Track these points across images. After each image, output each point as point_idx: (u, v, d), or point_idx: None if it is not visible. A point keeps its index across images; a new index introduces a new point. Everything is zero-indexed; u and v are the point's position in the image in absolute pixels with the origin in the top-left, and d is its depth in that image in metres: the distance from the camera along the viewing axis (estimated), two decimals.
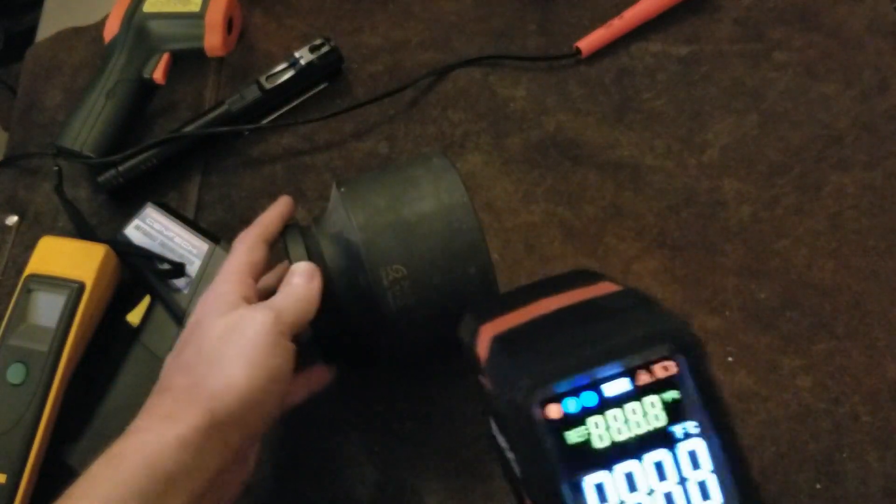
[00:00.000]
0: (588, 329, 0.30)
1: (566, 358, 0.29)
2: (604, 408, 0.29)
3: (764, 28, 0.65)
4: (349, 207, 0.43)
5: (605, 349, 0.29)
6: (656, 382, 0.29)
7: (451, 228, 0.42)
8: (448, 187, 0.43)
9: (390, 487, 0.50)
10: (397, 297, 0.41)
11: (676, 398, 0.29)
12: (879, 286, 0.54)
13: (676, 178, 0.59)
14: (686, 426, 0.29)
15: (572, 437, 0.28)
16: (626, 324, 0.30)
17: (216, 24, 0.64)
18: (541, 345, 0.30)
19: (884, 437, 0.49)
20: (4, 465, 0.48)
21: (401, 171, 0.45)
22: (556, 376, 0.28)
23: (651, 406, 0.29)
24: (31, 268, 0.52)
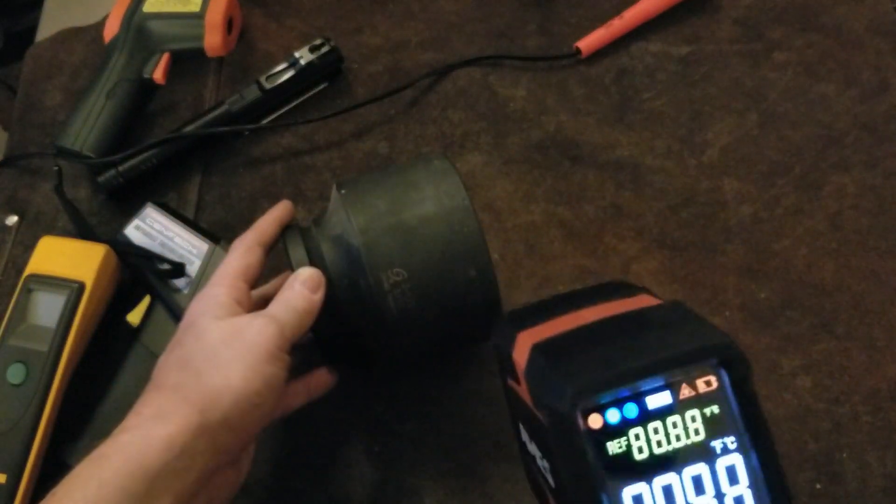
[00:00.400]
0: (631, 341, 0.30)
1: (609, 369, 0.28)
2: (645, 420, 0.29)
3: (764, 28, 0.65)
4: (350, 210, 0.43)
5: (648, 362, 0.29)
6: (698, 396, 0.29)
7: (451, 231, 0.42)
8: (449, 190, 0.43)
9: (390, 487, 0.50)
10: (398, 300, 0.41)
11: (717, 413, 0.29)
12: (879, 286, 0.54)
13: (676, 178, 0.59)
14: (725, 441, 0.29)
15: (613, 447, 0.28)
16: (670, 337, 0.30)
17: (216, 24, 0.64)
18: (583, 355, 0.30)
19: (884, 437, 0.49)
20: (4, 465, 0.48)
21: (401, 173, 0.45)
22: (599, 387, 0.28)
23: (692, 420, 0.29)
24: (31, 268, 0.52)
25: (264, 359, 0.39)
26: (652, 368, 0.28)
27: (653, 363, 0.28)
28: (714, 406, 0.29)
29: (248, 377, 0.38)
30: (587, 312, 0.33)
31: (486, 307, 0.43)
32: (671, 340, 0.30)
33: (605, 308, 0.33)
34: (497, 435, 0.51)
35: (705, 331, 0.30)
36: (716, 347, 0.29)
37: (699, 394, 0.29)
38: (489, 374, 0.53)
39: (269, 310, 0.41)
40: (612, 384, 0.28)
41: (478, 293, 0.42)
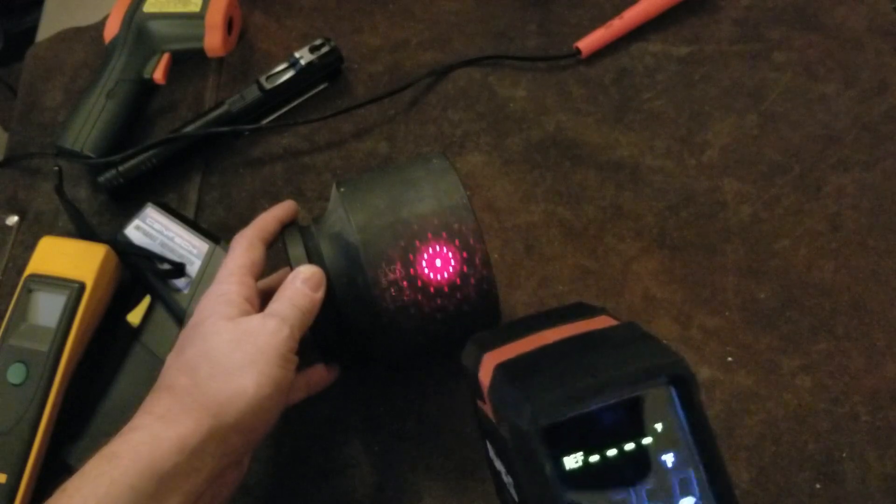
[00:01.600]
0: (588, 360, 0.31)
1: (567, 388, 0.30)
2: (600, 436, 0.30)
3: (764, 28, 0.65)
4: (348, 208, 0.43)
5: (604, 380, 0.30)
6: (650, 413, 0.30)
7: (450, 230, 0.42)
8: (447, 189, 0.43)
9: (390, 487, 0.50)
10: (395, 297, 0.42)
11: (667, 428, 0.30)
12: (879, 286, 0.54)
13: (676, 178, 0.59)
14: (676, 456, 0.30)
15: (570, 462, 0.29)
16: (624, 356, 0.31)
17: (216, 24, 0.64)
18: (543, 374, 0.31)
19: (884, 437, 0.49)
20: (4, 465, 0.48)
21: (400, 171, 0.45)
22: (557, 405, 0.29)
23: (643, 435, 0.30)
24: (32, 268, 0.52)
25: (276, 362, 0.39)
26: (607, 387, 0.30)
27: (608, 381, 0.30)
28: (664, 421, 0.30)
29: (261, 382, 0.38)
30: (549, 333, 0.35)
31: (484, 305, 0.43)
32: (625, 359, 0.31)
33: (566, 329, 0.35)
34: None
35: (656, 350, 0.32)
36: (665, 366, 0.31)
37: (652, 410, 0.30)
38: None
39: (276, 309, 0.41)
40: (570, 402, 0.29)
41: (476, 291, 0.43)
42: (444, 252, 0.42)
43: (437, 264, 0.42)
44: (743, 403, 0.51)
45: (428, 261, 0.42)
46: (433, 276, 0.42)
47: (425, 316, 0.42)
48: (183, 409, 0.37)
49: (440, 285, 0.42)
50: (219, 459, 0.37)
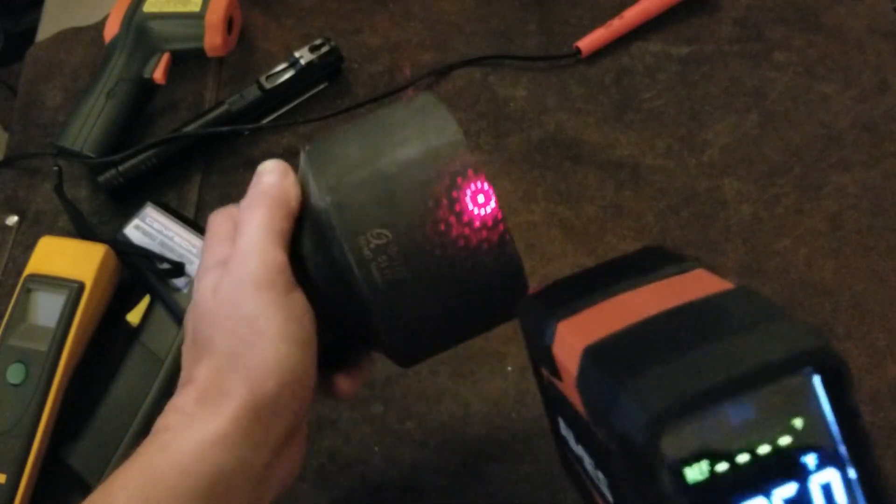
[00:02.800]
0: (707, 347, 0.25)
1: (690, 388, 0.24)
2: (728, 440, 0.25)
3: (764, 28, 0.65)
4: (315, 167, 0.34)
5: (735, 377, 0.24)
6: (787, 406, 0.25)
7: (442, 174, 0.33)
8: (436, 125, 0.35)
9: (390, 487, 0.50)
10: (384, 270, 0.33)
11: (809, 424, 0.25)
12: (879, 286, 0.54)
13: (676, 177, 0.59)
14: (820, 456, 0.25)
15: (693, 475, 0.24)
16: (754, 340, 0.25)
17: (216, 24, 0.64)
18: (651, 366, 0.25)
19: (884, 437, 0.49)
20: (4, 465, 0.48)
21: (378, 117, 0.36)
22: (680, 412, 0.24)
23: (780, 434, 0.25)
24: (31, 268, 0.52)
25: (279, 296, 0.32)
26: (741, 384, 0.24)
27: (741, 377, 0.24)
28: (805, 416, 0.25)
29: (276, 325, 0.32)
30: (639, 298, 0.28)
31: (501, 272, 0.34)
32: (757, 345, 0.25)
33: (661, 292, 0.28)
34: (497, 434, 0.51)
35: (794, 329, 0.25)
36: (812, 352, 0.25)
37: (787, 403, 0.25)
38: (491, 373, 0.53)
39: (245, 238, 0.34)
40: (694, 407, 0.24)
41: (488, 249, 0.33)
42: (439, 204, 0.33)
43: (434, 220, 0.33)
44: None
45: (421, 217, 0.33)
46: (430, 236, 0.33)
47: (424, 288, 0.33)
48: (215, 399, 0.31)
49: (440, 246, 0.33)
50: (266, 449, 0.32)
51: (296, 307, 0.33)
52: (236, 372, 0.31)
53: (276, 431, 0.32)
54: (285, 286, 0.33)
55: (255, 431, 0.31)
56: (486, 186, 0.33)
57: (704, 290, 0.28)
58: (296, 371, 0.32)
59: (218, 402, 0.31)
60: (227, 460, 0.30)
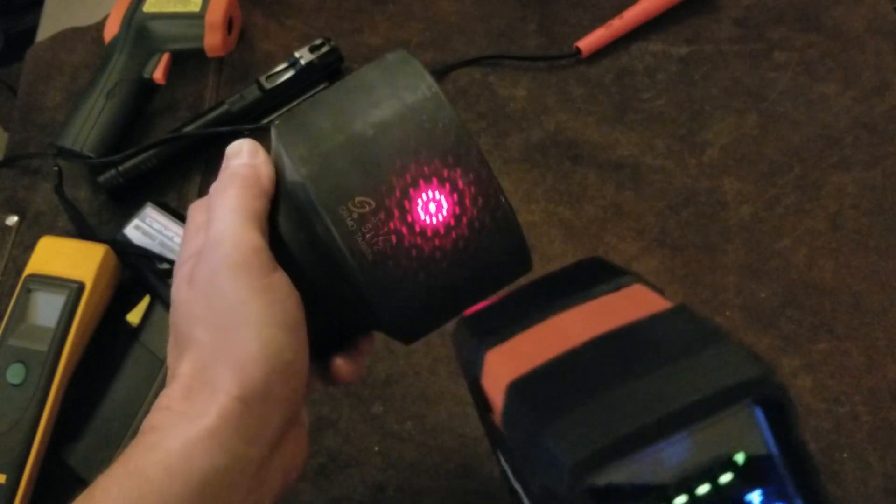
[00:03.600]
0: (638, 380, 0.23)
1: (617, 430, 0.22)
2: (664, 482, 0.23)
3: (764, 28, 0.65)
4: (286, 141, 0.32)
5: (668, 415, 0.22)
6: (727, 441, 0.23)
7: (422, 131, 0.31)
8: (409, 83, 0.32)
9: (390, 487, 0.50)
10: (371, 240, 0.30)
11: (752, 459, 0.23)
12: (879, 286, 0.54)
13: (676, 177, 0.59)
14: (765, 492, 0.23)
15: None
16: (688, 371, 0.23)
17: (216, 24, 0.64)
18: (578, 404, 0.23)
19: (884, 437, 0.49)
20: (4, 465, 0.48)
21: (348, 81, 0.34)
22: (606, 459, 0.22)
23: (722, 472, 0.23)
24: (31, 268, 0.52)
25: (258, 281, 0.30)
26: (672, 423, 0.22)
27: (672, 416, 0.22)
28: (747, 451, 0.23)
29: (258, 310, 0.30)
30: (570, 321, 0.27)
31: (497, 228, 0.32)
32: (691, 376, 0.23)
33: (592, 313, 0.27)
34: None
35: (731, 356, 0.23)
36: (751, 384, 0.23)
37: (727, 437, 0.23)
38: None
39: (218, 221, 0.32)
40: (621, 452, 0.22)
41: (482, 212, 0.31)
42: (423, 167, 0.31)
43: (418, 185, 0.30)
44: None
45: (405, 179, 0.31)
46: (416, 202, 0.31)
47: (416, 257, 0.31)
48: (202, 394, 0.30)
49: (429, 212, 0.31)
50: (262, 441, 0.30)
51: (277, 289, 0.31)
52: (220, 363, 0.30)
53: (271, 423, 0.31)
54: (263, 268, 0.31)
55: (246, 424, 0.29)
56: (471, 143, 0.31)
57: (639, 311, 0.26)
58: (283, 356, 0.30)
59: (204, 396, 0.29)
60: (218, 457, 0.29)
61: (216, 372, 0.30)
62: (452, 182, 0.31)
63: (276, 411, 0.31)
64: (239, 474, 0.29)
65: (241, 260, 0.30)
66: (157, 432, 0.29)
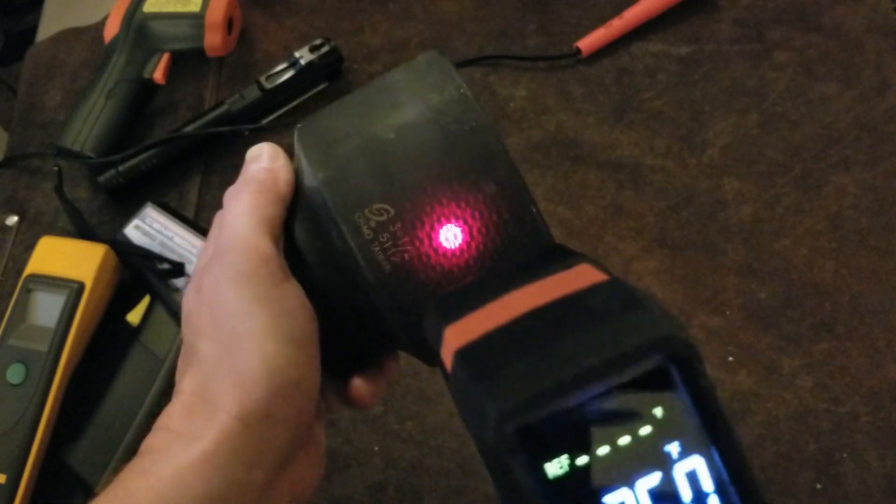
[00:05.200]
0: (565, 340, 0.25)
1: (540, 382, 0.24)
2: (587, 433, 0.24)
3: (764, 28, 0.65)
4: (305, 143, 0.31)
5: (586, 367, 0.24)
6: (646, 397, 0.25)
7: (447, 134, 0.29)
8: (435, 83, 0.30)
9: (390, 487, 0.50)
10: (388, 250, 0.29)
11: (668, 413, 0.25)
12: (879, 286, 0.54)
13: (676, 177, 0.59)
14: (682, 443, 0.25)
15: (553, 469, 0.24)
16: (609, 330, 0.25)
17: (216, 24, 0.64)
18: (510, 363, 0.25)
19: (884, 437, 0.49)
20: (4, 465, 0.48)
21: (374, 82, 0.32)
22: (528, 404, 0.24)
23: (640, 424, 0.25)
24: (31, 268, 0.52)
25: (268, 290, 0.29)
26: (590, 375, 0.24)
27: (591, 368, 0.24)
28: (665, 405, 0.25)
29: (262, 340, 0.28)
30: (518, 297, 0.28)
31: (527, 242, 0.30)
32: (611, 335, 0.25)
33: (538, 290, 0.28)
34: None
35: (648, 319, 0.25)
36: (660, 342, 0.25)
37: (646, 393, 0.25)
38: None
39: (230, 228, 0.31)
40: (543, 400, 0.23)
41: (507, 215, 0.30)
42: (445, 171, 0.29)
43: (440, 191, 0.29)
44: (744, 403, 0.51)
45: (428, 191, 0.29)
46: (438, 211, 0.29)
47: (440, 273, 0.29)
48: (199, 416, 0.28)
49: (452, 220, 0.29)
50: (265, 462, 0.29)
51: (286, 301, 0.29)
52: (222, 379, 0.28)
53: (273, 445, 0.28)
54: (271, 277, 0.29)
55: (245, 448, 0.27)
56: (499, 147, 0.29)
57: (579, 284, 0.27)
58: (288, 374, 0.28)
59: (203, 415, 0.27)
60: (214, 484, 0.27)
61: (217, 388, 0.28)
62: (478, 190, 0.29)
63: (280, 433, 0.29)
64: (237, 501, 0.27)
65: (248, 268, 0.29)
66: (152, 455, 0.28)
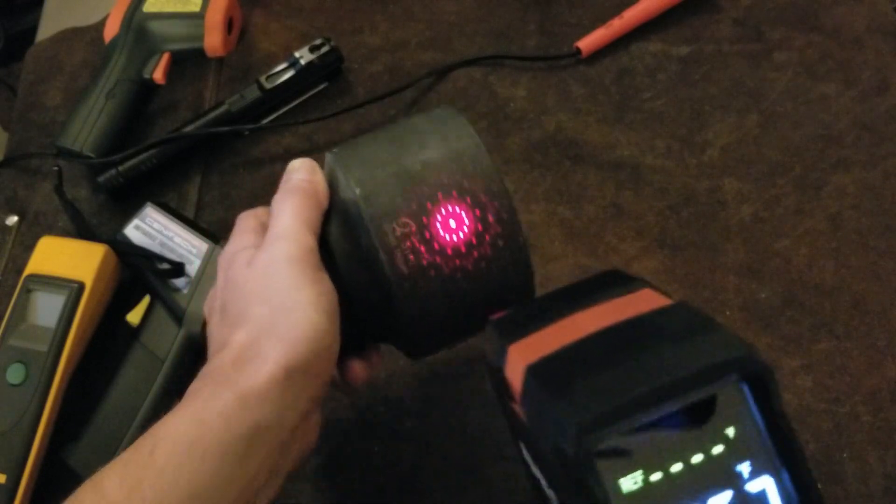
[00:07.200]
0: (640, 359, 0.26)
1: (618, 398, 0.25)
2: (661, 450, 0.25)
3: (764, 28, 0.65)
4: (344, 165, 0.38)
5: (662, 386, 0.25)
6: (720, 416, 0.26)
7: (463, 173, 0.37)
8: (456, 133, 0.39)
9: (390, 487, 0.50)
10: (408, 256, 0.36)
11: (740, 433, 0.26)
12: (879, 286, 0.54)
13: (676, 177, 0.59)
14: (753, 463, 0.26)
15: (628, 485, 0.25)
16: (683, 351, 0.26)
17: (216, 24, 0.64)
18: (585, 379, 0.26)
19: (884, 437, 0.49)
20: (4, 465, 0.48)
21: (400, 124, 0.41)
22: (608, 421, 0.24)
23: (712, 443, 0.26)
24: (31, 268, 0.52)
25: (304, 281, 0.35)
26: (667, 393, 0.25)
27: (667, 386, 0.25)
28: (737, 425, 0.26)
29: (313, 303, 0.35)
30: (584, 318, 0.30)
31: (512, 262, 0.38)
32: (685, 355, 0.26)
33: (604, 311, 0.30)
34: (497, 435, 0.51)
35: (722, 340, 0.26)
36: (737, 361, 0.26)
37: (720, 413, 0.26)
38: None
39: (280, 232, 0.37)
40: (622, 416, 0.24)
41: (502, 244, 0.37)
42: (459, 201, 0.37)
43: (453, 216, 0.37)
44: None
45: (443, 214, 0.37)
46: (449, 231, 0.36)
47: (444, 278, 0.37)
48: (254, 358, 0.34)
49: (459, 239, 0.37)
50: (298, 409, 0.34)
51: (324, 283, 0.36)
52: (272, 337, 0.34)
53: (306, 394, 0.35)
54: (315, 265, 0.36)
55: (287, 392, 0.33)
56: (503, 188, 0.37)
57: (645, 307, 0.29)
58: (325, 340, 0.35)
59: (254, 363, 0.33)
60: (265, 415, 0.33)
61: (268, 344, 0.34)
62: (483, 219, 0.37)
63: (312, 386, 0.35)
64: (276, 436, 0.34)
65: (297, 254, 0.36)
66: (212, 387, 0.33)
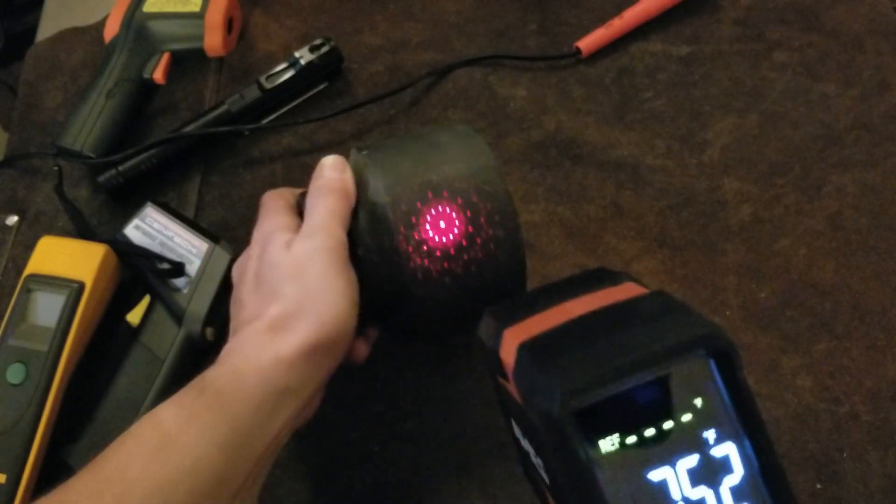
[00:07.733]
0: (619, 336, 0.30)
1: (599, 367, 0.28)
2: (636, 415, 0.29)
3: (764, 28, 0.65)
4: (375, 170, 0.43)
5: (637, 358, 0.28)
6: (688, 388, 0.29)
7: (478, 191, 0.42)
8: (475, 152, 0.44)
9: (390, 488, 0.50)
10: (423, 257, 0.41)
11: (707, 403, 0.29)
12: (879, 286, 0.54)
13: (676, 177, 0.59)
14: (718, 431, 0.29)
15: (605, 445, 0.28)
16: (656, 330, 0.30)
17: (216, 24, 0.64)
18: (571, 353, 0.30)
19: (884, 437, 0.49)
20: (4, 465, 0.48)
21: (424, 137, 0.46)
22: (590, 386, 0.28)
23: (682, 412, 0.29)
24: (31, 268, 0.52)
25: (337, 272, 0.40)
26: (642, 364, 0.28)
27: (642, 358, 0.28)
28: (704, 396, 0.29)
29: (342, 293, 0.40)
30: (572, 305, 0.33)
31: (511, 272, 0.43)
32: (658, 333, 0.29)
33: (590, 300, 0.33)
34: (497, 435, 0.51)
35: (691, 321, 0.30)
36: (703, 338, 0.29)
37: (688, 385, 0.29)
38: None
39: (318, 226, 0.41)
40: (602, 382, 0.28)
41: (504, 254, 0.42)
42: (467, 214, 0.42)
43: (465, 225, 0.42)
44: None
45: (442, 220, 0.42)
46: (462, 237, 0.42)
47: (451, 280, 0.42)
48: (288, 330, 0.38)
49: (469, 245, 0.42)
50: (316, 379, 0.40)
51: (351, 275, 0.41)
52: (304, 315, 0.38)
53: (325, 369, 0.40)
54: (345, 259, 0.41)
55: (311, 364, 0.38)
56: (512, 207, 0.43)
57: (626, 295, 0.33)
58: (347, 324, 0.40)
59: (286, 334, 0.38)
60: (293, 379, 0.38)
61: (299, 321, 0.38)
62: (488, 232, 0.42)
63: (330, 362, 0.40)
64: (299, 398, 0.39)
65: (332, 246, 0.40)
66: (249, 348, 0.38)
